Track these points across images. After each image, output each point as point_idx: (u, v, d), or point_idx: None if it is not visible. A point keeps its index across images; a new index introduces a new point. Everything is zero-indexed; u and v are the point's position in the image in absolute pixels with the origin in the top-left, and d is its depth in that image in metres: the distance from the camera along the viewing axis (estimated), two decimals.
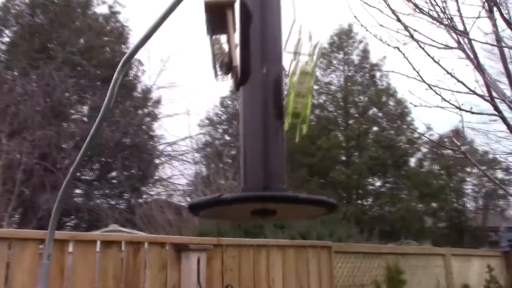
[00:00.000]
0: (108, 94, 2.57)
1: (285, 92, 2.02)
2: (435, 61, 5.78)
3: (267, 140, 1.95)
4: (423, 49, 5.63)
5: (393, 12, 5.95)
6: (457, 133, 27.30)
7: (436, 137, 26.02)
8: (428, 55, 5.61)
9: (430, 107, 5.67)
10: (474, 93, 5.93)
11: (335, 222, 9.32)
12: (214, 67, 2.10)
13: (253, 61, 2.01)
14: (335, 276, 6.52)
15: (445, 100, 5.49)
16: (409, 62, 5.89)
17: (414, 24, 7.14)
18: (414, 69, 5.60)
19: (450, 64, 6.08)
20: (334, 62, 24.65)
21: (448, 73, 5.57)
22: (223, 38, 2.07)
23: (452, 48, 6.24)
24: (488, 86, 5.94)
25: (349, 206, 21.55)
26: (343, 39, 24.83)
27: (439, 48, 6.27)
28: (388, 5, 5.95)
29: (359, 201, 22.90)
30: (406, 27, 6.11)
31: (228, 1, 2.03)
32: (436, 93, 5.54)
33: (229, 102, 27.86)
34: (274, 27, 2.08)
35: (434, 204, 23.14)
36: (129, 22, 20.93)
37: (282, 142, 1.99)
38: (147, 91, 20.93)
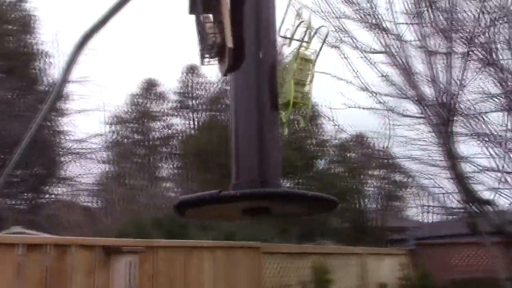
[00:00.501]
0: (59, 80, 2.32)
1: (280, 79, 1.86)
2: (371, 63, 5.90)
3: (262, 132, 1.78)
4: (360, 50, 5.72)
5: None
6: (361, 137, 28.55)
7: (345, 138, 27.05)
8: (365, 57, 5.70)
9: (363, 108, 5.77)
10: (403, 95, 6.13)
11: (256, 223, 9.26)
12: (203, 48, 1.89)
13: (247, 44, 1.83)
14: (263, 277, 6.44)
15: (380, 102, 5.60)
16: (349, 63, 5.96)
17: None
18: (353, 70, 5.67)
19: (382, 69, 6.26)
20: None
21: (383, 76, 5.69)
22: (212, 17, 1.87)
23: (380, 52, 6.42)
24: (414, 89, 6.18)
25: None
26: None
27: (367, 52, 6.44)
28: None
29: None
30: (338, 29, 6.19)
31: None
32: (373, 94, 5.65)
33: (140, 100, 27.08)
34: (269, 8, 1.91)
35: (340, 205, 23.94)
36: (39, 11, 19.55)
37: (278, 134, 1.84)
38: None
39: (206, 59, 1.90)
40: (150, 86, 27.61)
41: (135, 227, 7.77)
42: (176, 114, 27.85)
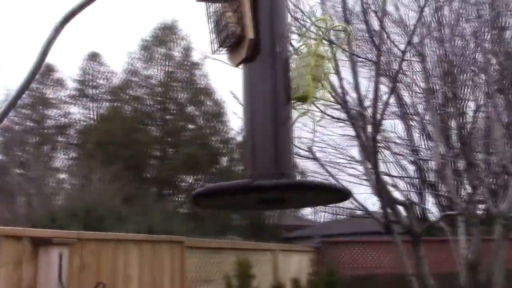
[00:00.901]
0: (39, 54, 2.22)
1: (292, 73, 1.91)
2: None
3: (278, 125, 1.82)
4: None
5: None
6: None
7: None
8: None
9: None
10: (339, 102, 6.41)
11: (172, 217, 9.19)
12: (218, 36, 1.89)
13: (262, 37, 1.85)
14: (186, 271, 6.41)
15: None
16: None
17: None
18: None
19: None
20: (156, 56, 24.26)
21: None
22: (231, 7, 1.87)
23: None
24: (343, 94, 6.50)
25: (162, 202, 21.43)
26: (166, 33, 24.60)
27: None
28: None
29: (173, 197, 22.93)
30: None
31: None
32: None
33: (35, 86, 25.47)
34: (282, 2, 1.96)
35: None
36: None
37: (291, 127, 1.89)
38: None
39: (219, 48, 1.91)
40: (47, 71, 26.05)
41: (51, 220, 7.34)
42: (74, 102, 26.56)
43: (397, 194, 7.56)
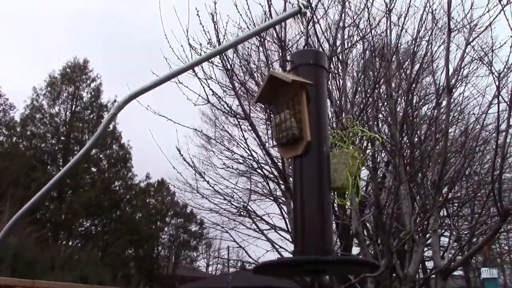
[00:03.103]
0: (100, 130, 2.52)
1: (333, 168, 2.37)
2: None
3: (323, 207, 2.25)
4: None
5: None
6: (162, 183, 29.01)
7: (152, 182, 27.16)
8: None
9: None
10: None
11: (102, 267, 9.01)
12: (278, 134, 2.32)
13: (312, 137, 2.31)
14: None
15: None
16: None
17: None
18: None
19: None
20: (64, 94, 23.68)
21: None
22: (289, 112, 2.31)
23: None
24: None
25: (56, 247, 20.41)
26: (76, 73, 24.18)
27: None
28: None
29: (68, 242, 21.90)
30: None
31: (307, 82, 2.31)
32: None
33: None
34: (324, 109, 2.44)
35: (140, 251, 23.80)
36: None
37: (331, 211, 2.32)
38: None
39: (280, 145, 2.35)
40: None
41: None
42: None
43: None
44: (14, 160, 21.11)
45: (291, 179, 7.67)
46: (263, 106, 9.00)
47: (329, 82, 6.53)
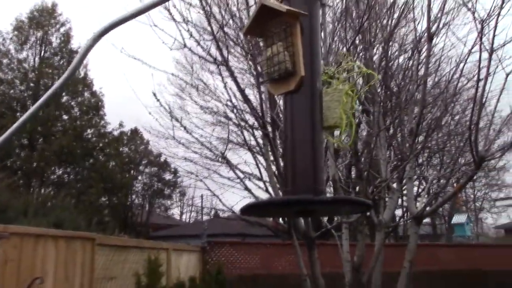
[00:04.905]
0: (75, 62, 2.40)
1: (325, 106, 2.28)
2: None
3: (315, 147, 2.18)
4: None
5: None
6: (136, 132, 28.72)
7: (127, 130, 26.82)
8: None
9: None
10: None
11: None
12: (269, 68, 2.20)
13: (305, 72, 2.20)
14: (96, 269, 6.42)
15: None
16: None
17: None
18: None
19: None
20: (32, 39, 22.79)
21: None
22: (283, 44, 2.18)
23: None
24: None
25: (28, 195, 20.15)
26: (44, 16, 23.23)
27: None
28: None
29: (41, 190, 21.64)
30: None
31: (302, 13, 2.18)
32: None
33: None
34: (318, 41, 2.33)
35: (114, 199, 23.74)
36: None
37: (323, 148, 2.26)
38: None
39: (270, 79, 2.22)
40: None
41: None
42: None
43: None
44: None
45: (269, 126, 7.63)
46: (241, 52, 8.79)
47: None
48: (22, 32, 22.57)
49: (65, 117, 22.99)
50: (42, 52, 23.06)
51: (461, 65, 8.13)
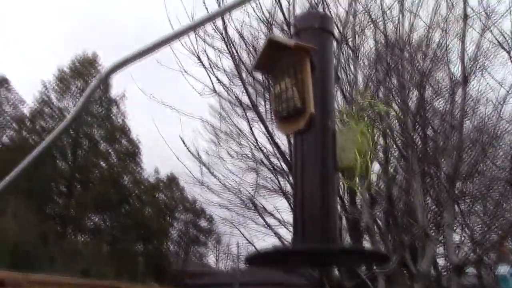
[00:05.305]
0: (82, 101, 2.34)
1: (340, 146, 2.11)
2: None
3: (327, 191, 2.00)
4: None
5: None
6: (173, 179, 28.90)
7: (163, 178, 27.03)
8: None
9: None
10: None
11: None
12: (278, 106, 2.06)
13: (316, 110, 2.05)
14: None
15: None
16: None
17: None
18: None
19: None
20: (73, 88, 23.57)
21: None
22: (290, 81, 2.05)
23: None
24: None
25: (63, 240, 20.34)
26: (85, 66, 24.07)
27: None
28: None
29: (77, 237, 21.84)
30: None
31: (312, 48, 2.05)
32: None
33: None
34: (331, 78, 2.18)
35: (150, 246, 23.67)
36: None
37: (336, 195, 2.07)
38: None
39: (278, 117, 2.08)
40: None
41: None
42: None
43: None
44: (23, 154, 21.04)
45: None
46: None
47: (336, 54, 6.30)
48: (63, 81, 23.39)
49: (103, 164, 23.37)
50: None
51: (500, 107, 7.83)
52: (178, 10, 7.65)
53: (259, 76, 7.51)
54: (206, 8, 6.44)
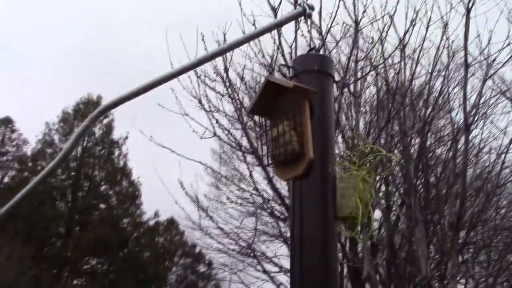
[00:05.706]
0: (73, 138, 2.35)
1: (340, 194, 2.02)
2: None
3: (327, 240, 1.90)
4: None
5: None
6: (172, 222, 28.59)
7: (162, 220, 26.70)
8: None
9: None
10: None
11: None
12: (275, 150, 1.99)
13: (315, 155, 1.97)
14: None
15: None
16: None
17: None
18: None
19: None
20: (76, 130, 23.64)
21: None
22: (289, 125, 1.99)
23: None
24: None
25: (58, 283, 19.92)
26: (89, 108, 24.20)
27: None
28: None
29: (73, 280, 21.39)
30: None
31: (312, 90, 2.00)
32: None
33: None
34: (331, 124, 2.12)
35: None
36: None
37: (336, 242, 1.97)
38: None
39: (274, 161, 2.01)
40: None
41: None
42: None
43: None
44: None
45: None
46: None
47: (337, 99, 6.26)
48: (67, 123, 23.47)
49: (102, 206, 23.16)
50: (85, 142, 23.76)
51: (503, 156, 7.77)
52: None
53: (258, 119, 7.50)
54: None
